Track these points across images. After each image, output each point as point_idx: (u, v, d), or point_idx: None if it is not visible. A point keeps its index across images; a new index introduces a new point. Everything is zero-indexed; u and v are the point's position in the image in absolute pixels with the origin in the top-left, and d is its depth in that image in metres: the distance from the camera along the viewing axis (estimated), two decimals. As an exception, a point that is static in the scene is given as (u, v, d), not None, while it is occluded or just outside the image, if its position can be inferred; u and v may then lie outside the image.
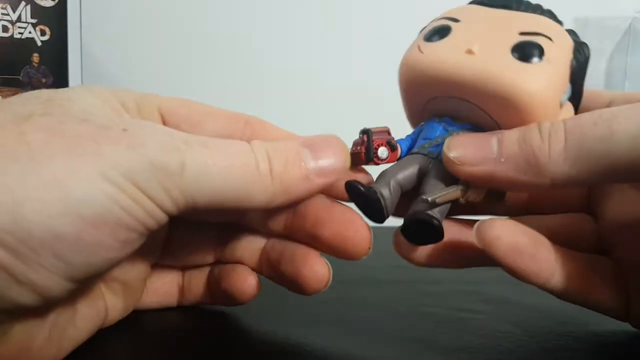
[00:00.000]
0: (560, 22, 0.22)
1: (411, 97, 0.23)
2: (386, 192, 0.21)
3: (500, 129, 0.21)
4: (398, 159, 0.22)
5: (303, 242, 0.23)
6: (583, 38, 0.23)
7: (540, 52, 0.20)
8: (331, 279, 0.22)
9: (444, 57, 0.21)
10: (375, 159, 0.22)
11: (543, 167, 0.19)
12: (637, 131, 0.17)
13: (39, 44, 0.50)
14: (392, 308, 0.28)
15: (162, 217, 0.18)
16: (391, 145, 0.22)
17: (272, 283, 0.24)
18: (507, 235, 0.20)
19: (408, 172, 0.21)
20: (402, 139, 0.23)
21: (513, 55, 0.20)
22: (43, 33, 0.50)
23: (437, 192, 0.20)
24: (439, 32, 0.21)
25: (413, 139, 0.23)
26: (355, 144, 0.22)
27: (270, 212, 0.23)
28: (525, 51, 0.20)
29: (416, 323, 0.25)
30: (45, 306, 0.18)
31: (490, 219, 0.20)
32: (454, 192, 0.20)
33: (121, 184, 0.17)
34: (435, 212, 0.20)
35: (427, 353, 0.22)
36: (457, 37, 0.21)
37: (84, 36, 0.53)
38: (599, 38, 0.68)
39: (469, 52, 0.20)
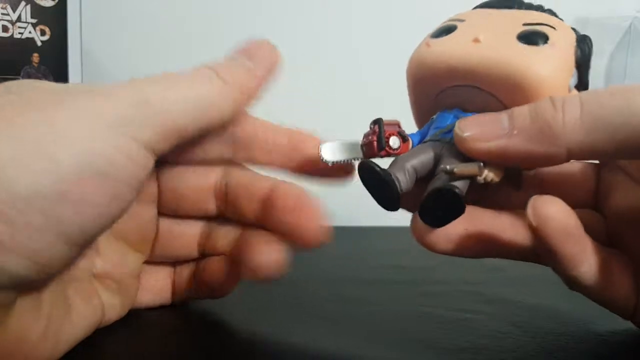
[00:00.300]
0: (561, 20, 0.23)
1: (420, 92, 0.23)
2: (402, 176, 0.20)
3: None
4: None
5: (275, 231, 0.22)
6: (583, 38, 0.23)
7: (545, 38, 0.21)
8: (283, 265, 0.21)
9: (452, 47, 0.21)
10: (387, 149, 0.21)
11: (558, 136, 0.19)
12: None
13: (39, 44, 0.50)
14: (392, 308, 0.28)
15: (147, 159, 0.19)
16: (403, 136, 0.22)
17: (269, 282, 0.24)
18: (561, 214, 0.19)
19: (424, 157, 0.21)
20: (413, 133, 0.23)
21: (519, 41, 0.20)
22: (43, 33, 0.50)
23: (454, 165, 0.20)
24: (446, 31, 0.22)
25: (424, 133, 0.23)
26: (366, 135, 0.22)
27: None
28: (531, 37, 0.20)
29: (416, 323, 0.25)
30: (44, 277, 0.18)
31: (543, 195, 0.19)
32: (472, 167, 0.20)
33: (104, 135, 0.17)
34: (453, 184, 0.20)
35: (427, 353, 0.22)
36: (463, 31, 0.22)
37: (84, 36, 0.52)
38: (599, 38, 0.68)
39: (476, 40, 0.21)
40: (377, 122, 0.22)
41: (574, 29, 0.22)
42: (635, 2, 0.68)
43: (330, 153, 0.22)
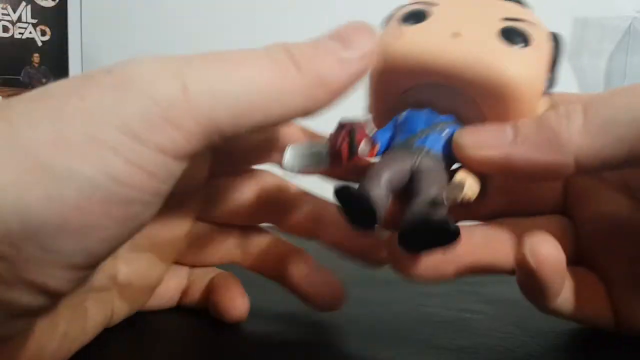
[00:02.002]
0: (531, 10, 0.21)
1: (384, 86, 0.20)
2: (380, 195, 0.18)
3: (484, 117, 0.19)
4: (377, 155, 0.20)
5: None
6: (583, 38, 0.23)
7: (527, 38, 0.19)
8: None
9: (428, 40, 0.19)
10: (357, 156, 0.19)
11: (564, 143, 0.17)
12: None
13: (40, 44, 0.50)
14: (392, 308, 0.28)
15: (173, 168, 0.15)
16: (371, 140, 0.19)
17: (271, 283, 0.24)
18: (556, 254, 0.18)
19: (400, 170, 0.19)
20: (379, 132, 0.20)
21: (501, 40, 0.19)
22: (43, 33, 0.50)
23: (441, 190, 0.18)
24: (416, 16, 0.20)
25: (389, 133, 0.20)
26: (332, 139, 0.19)
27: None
28: (513, 36, 0.19)
29: (416, 323, 0.25)
30: (58, 300, 0.16)
31: (533, 234, 0.18)
32: (458, 191, 0.18)
33: (114, 142, 0.14)
34: (444, 214, 0.18)
35: (427, 353, 0.22)
36: (440, 20, 0.19)
37: (84, 36, 0.52)
38: (599, 38, 0.68)
39: (456, 35, 0.19)
40: (347, 126, 0.19)
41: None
42: (635, 2, 0.68)
43: (292, 160, 0.19)
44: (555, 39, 0.20)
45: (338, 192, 0.18)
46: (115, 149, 0.14)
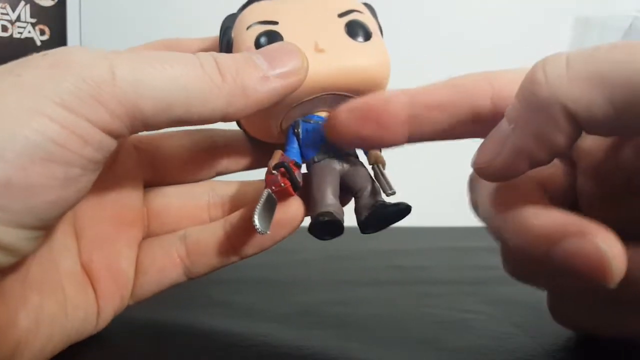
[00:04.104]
0: None
1: (267, 112, 0.21)
2: (337, 208, 0.21)
3: None
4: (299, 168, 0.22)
5: None
6: (584, 37, 0.22)
7: (366, 29, 0.22)
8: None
9: None
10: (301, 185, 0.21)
11: (545, 97, 0.15)
12: None
13: (39, 43, 0.50)
14: (392, 308, 0.28)
15: (105, 141, 0.17)
16: (297, 165, 0.22)
17: (270, 284, 0.24)
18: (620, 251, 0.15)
19: (334, 179, 0.22)
20: (288, 149, 0.22)
21: (356, 40, 0.21)
22: (42, 33, 0.50)
23: (386, 181, 0.21)
24: (269, 40, 0.21)
25: (296, 144, 0.22)
26: (272, 183, 0.21)
27: None
28: (357, 32, 0.21)
29: (416, 323, 0.25)
30: (13, 261, 0.17)
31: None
32: (382, 172, 0.21)
33: (49, 112, 0.15)
34: (386, 200, 0.21)
35: (427, 353, 0.22)
36: (293, 40, 0.21)
37: (84, 36, 0.52)
38: (599, 38, 0.68)
39: (319, 50, 0.21)
40: (282, 166, 0.21)
41: None
42: (635, 2, 0.68)
43: (262, 225, 0.20)
44: (370, 8, 0.23)
45: (314, 229, 0.21)
46: (50, 117, 0.15)
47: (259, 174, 0.24)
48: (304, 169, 0.22)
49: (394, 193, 0.21)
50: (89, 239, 0.22)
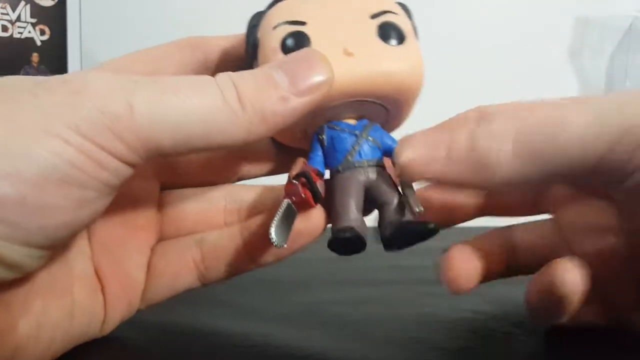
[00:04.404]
0: None
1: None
2: (360, 224, 0.20)
3: (387, 110, 0.21)
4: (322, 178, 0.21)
5: None
6: (584, 38, 0.23)
7: (400, 31, 0.20)
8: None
9: None
10: (321, 196, 0.21)
11: (492, 169, 0.18)
12: (585, 133, 0.17)
13: (39, 43, 0.50)
14: (392, 308, 0.28)
15: (122, 169, 0.17)
16: (320, 174, 0.21)
17: (270, 284, 0.24)
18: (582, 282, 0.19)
19: (357, 192, 0.21)
20: (312, 157, 0.22)
21: (386, 42, 0.20)
22: (43, 33, 0.50)
23: (412, 199, 0.20)
24: (296, 40, 0.20)
25: (320, 151, 0.22)
26: (292, 193, 0.20)
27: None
28: (390, 34, 0.20)
29: (416, 323, 0.25)
30: (19, 276, 0.17)
31: (559, 262, 0.20)
32: (411, 187, 0.21)
33: (65, 136, 0.15)
34: (409, 216, 0.20)
35: (427, 353, 0.22)
36: (321, 41, 0.20)
37: (84, 36, 0.52)
38: (599, 38, 0.68)
39: (348, 54, 0.20)
40: (303, 175, 0.20)
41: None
42: (635, 2, 0.68)
43: (279, 238, 0.19)
44: (405, 8, 0.22)
45: (334, 245, 0.20)
46: (66, 140, 0.15)
47: (282, 179, 0.23)
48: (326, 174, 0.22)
49: (421, 212, 0.20)
50: (99, 243, 0.22)
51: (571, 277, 0.19)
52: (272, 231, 0.19)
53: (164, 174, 0.24)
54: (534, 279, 0.21)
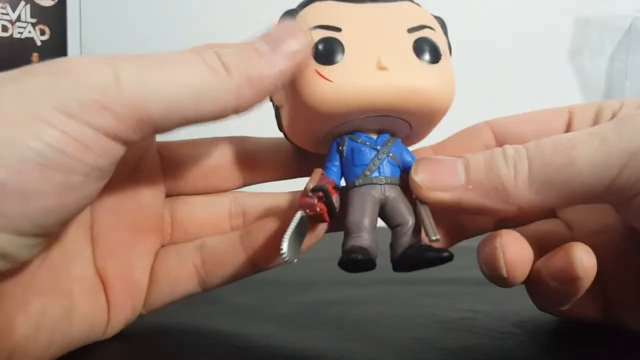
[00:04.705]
0: (418, 4, 0.22)
1: (318, 126, 0.21)
2: (372, 243, 0.20)
3: (411, 127, 0.21)
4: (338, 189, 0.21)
5: None
6: (584, 38, 0.23)
7: (436, 49, 0.20)
8: None
9: (359, 80, 0.19)
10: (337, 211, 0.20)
11: (510, 195, 0.19)
12: (595, 158, 0.18)
13: (39, 43, 0.50)
14: (392, 308, 0.28)
15: (110, 147, 0.16)
16: (336, 188, 0.20)
17: (270, 284, 0.24)
18: (594, 263, 0.20)
19: (373, 209, 0.20)
20: (328, 167, 0.21)
21: (421, 59, 0.20)
22: (43, 33, 0.50)
23: (429, 224, 0.20)
24: (328, 47, 0.19)
25: (338, 162, 0.21)
26: (307, 206, 0.19)
27: None
28: (426, 51, 0.20)
29: (417, 323, 0.25)
30: (10, 268, 0.17)
31: (576, 245, 0.20)
32: (429, 211, 0.20)
33: (49, 118, 0.15)
34: (423, 242, 0.20)
35: (427, 353, 0.22)
36: (355, 51, 0.19)
37: (84, 36, 0.52)
38: (600, 38, 0.68)
39: (382, 68, 0.19)
40: (320, 189, 0.19)
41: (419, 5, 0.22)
42: (635, 2, 0.68)
43: (290, 253, 0.18)
44: (442, 23, 0.22)
45: (345, 265, 0.20)
46: (51, 123, 0.15)
47: (289, 185, 0.24)
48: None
49: (437, 240, 0.19)
50: (104, 246, 0.22)
51: (588, 259, 0.19)
52: (284, 245, 0.18)
53: (170, 178, 0.24)
54: (546, 261, 0.21)
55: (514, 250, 0.20)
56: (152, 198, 0.23)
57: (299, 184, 0.23)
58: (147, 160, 0.23)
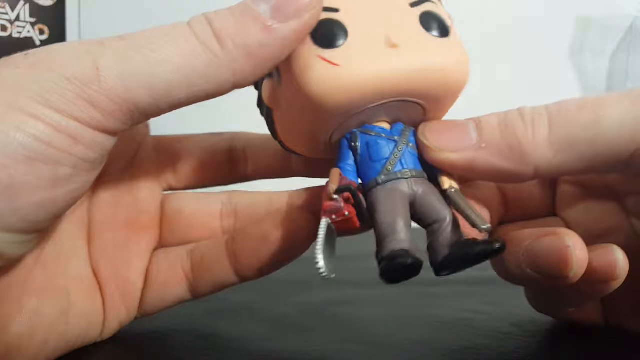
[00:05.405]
0: None
1: (323, 124, 0.19)
2: (413, 245, 0.17)
3: (425, 112, 0.19)
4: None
5: None
6: (585, 37, 0.22)
7: (444, 22, 0.18)
8: None
9: (369, 62, 0.17)
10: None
11: (527, 154, 0.17)
12: (624, 118, 0.17)
13: (38, 43, 0.50)
14: (392, 309, 0.28)
15: (100, 139, 0.16)
16: (360, 188, 0.18)
17: (270, 283, 0.24)
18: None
19: (404, 208, 0.18)
20: (343, 165, 0.19)
21: (431, 33, 0.18)
22: (42, 32, 0.50)
23: (472, 213, 0.18)
24: (330, 31, 0.17)
25: (352, 158, 0.19)
26: (333, 211, 0.17)
27: None
28: (433, 24, 0.18)
29: (417, 324, 0.25)
30: (1, 267, 0.16)
31: (612, 247, 0.19)
32: (464, 198, 0.18)
33: (31, 110, 0.14)
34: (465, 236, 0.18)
35: (428, 354, 0.22)
36: (359, 31, 0.17)
37: (83, 35, 0.52)
38: (600, 38, 0.68)
39: (392, 45, 0.17)
40: (347, 189, 0.17)
41: None
42: (635, 1, 0.68)
43: (326, 268, 0.17)
44: None
45: (388, 273, 0.18)
46: (34, 115, 0.14)
47: (281, 184, 0.23)
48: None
49: (489, 229, 0.17)
50: (99, 244, 0.22)
51: (626, 261, 0.18)
52: (320, 259, 0.16)
53: (166, 174, 0.24)
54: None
55: (583, 250, 0.18)
56: (149, 192, 0.23)
57: (299, 184, 0.23)
58: (143, 153, 0.23)
